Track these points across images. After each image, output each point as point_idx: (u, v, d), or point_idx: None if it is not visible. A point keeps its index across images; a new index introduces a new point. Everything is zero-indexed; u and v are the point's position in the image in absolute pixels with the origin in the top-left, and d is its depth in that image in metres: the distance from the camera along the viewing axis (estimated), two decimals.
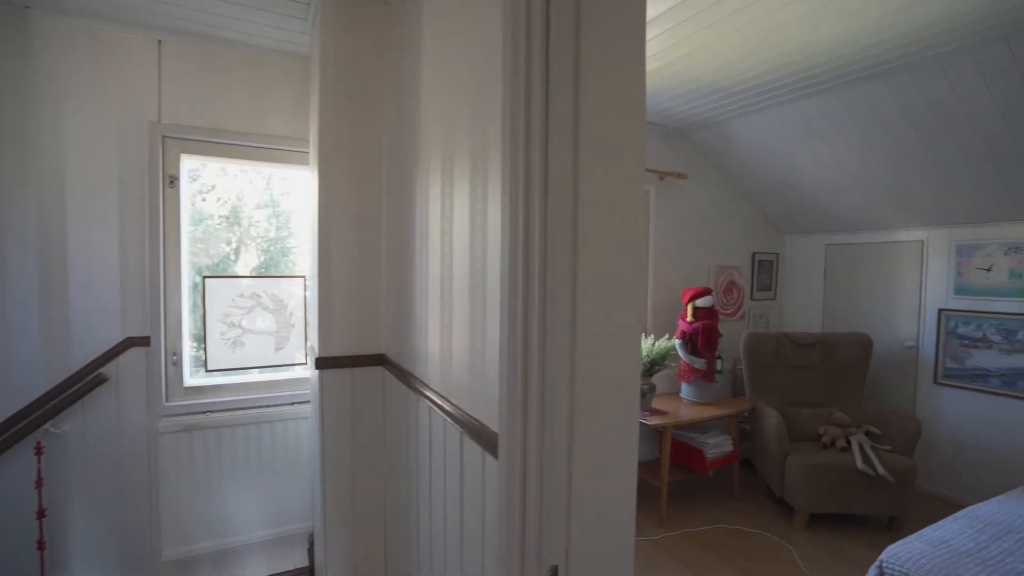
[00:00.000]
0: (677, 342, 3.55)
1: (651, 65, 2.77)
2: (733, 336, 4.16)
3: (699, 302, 3.49)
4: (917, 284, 3.84)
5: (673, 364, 3.64)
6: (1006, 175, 3.07)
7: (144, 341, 2.43)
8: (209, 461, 2.53)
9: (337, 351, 2.04)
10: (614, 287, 0.90)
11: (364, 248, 2.08)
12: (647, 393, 3.31)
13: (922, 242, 3.83)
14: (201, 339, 2.61)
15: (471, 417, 1.22)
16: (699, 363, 3.47)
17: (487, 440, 1.11)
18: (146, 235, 2.42)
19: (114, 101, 2.34)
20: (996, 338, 3.44)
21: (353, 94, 2.04)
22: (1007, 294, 3.40)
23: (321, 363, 2.01)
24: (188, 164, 2.56)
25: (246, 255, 2.86)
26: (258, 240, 2.87)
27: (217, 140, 2.52)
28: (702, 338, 3.43)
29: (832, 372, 3.78)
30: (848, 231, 4.27)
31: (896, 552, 1.91)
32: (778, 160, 3.85)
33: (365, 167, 2.07)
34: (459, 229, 1.31)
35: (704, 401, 3.56)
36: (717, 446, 3.42)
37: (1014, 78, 2.55)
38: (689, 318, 3.51)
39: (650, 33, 2.43)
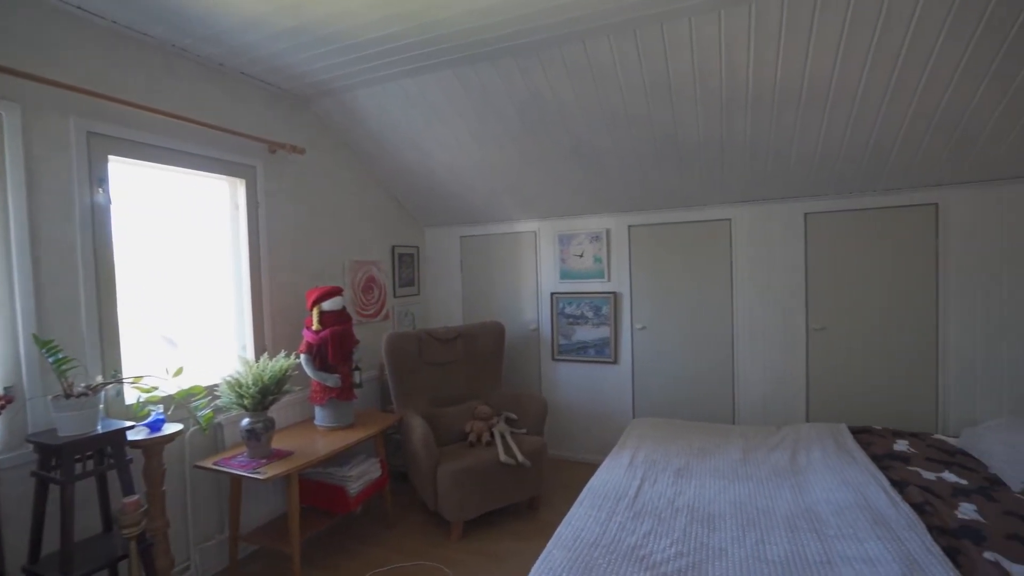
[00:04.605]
0: (303, 357, 2.77)
1: None
2: (378, 340, 3.67)
3: (325, 305, 2.80)
4: (534, 271, 4.20)
5: (298, 387, 2.84)
6: (589, 174, 3.52)
7: None
8: None
9: None
10: None
11: None
12: (261, 434, 2.41)
13: (535, 232, 4.19)
14: None
15: None
16: (332, 380, 2.78)
17: None
18: None
19: None
20: (589, 314, 4.02)
21: None
22: (594, 276, 4.00)
23: None
24: None
25: None
26: None
27: None
28: (332, 348, 2.75)
29: (474, 364, 3.72)
30: (479, 222, 4.38)
31: (539, 574, 1.66)
32: (407, 142, 3.53)
33: None
34: None
35: (344, 424, 2.90)
36: (361, 476, 2.82)
37: (588, 80, 2.78)
38: (315, 326, 2.78)
39: None
